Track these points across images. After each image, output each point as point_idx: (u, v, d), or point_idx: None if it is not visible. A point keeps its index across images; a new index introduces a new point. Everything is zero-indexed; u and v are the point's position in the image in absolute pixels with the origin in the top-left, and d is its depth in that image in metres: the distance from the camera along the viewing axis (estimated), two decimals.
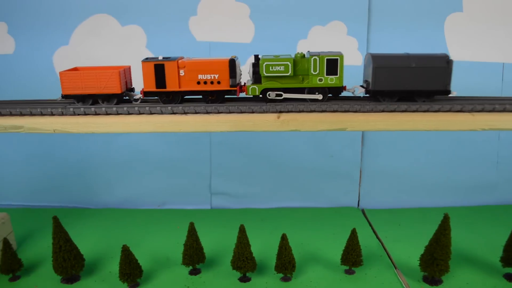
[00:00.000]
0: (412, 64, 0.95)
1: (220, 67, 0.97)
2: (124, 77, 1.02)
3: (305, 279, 1.13)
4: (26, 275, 1.16)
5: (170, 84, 0.98)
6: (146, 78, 0.98)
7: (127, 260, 1.07)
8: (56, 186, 1.55)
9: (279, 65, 0.95)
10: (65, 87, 0.99)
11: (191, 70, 0.97)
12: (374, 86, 0.97)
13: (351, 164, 1.49)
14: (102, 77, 0.98)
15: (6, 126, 0.97)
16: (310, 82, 0.96)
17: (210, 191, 1.54)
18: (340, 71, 0.96)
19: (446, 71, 0.95)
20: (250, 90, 0.98)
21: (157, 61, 0.97)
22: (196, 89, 0.98)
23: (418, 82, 0.96)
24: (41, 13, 1.41)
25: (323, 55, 0.95)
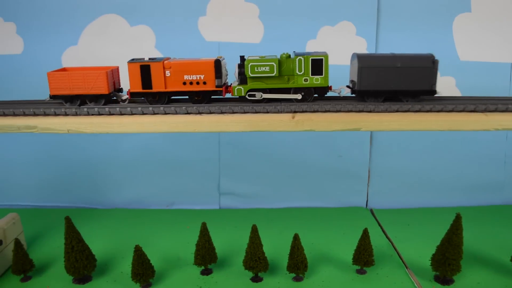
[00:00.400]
0: (397, 64, 0.95)
1: (205, 68, 0.97)
2: (112, 77, 1.02)
3: (317, 279, 1.13)
4: (37, 276, 1.16)
5: (156, 85, 0.98)
6: (132, 79, 0.98)
7: (139, 260, 1.07)
8: (65, 186, 1.55)
9: (264, 65, 0.95)
10: (52, 87, 0.99)
11: (177, 70, 0.97)
12: (359, 86, 0.97)
13: (360, 164, 1.49)
14: (89, 78, 0.98)
15: (20, 126, 0.97)
16: (296, 82, 0.97)
17: (219, 191, 1.54)
18: (325, 71, 0.96)
19: (432, 71, 0.96)
20: (236, 90, 0.98)
21: (143, 62, 0.98)
22: (182, 89, 0.98)
23: (404, 82, 0.96)
24: (50, 13, 1.41)
25: (308, 55, 0.95)
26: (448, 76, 1.43)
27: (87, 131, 0.96)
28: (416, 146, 1.47)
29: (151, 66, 0.97)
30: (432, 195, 1.50)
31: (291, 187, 1.53)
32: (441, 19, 1.40)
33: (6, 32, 1.43)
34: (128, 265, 1.21)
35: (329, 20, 1.38)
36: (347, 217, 1.46)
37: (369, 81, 0.96)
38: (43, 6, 1.41)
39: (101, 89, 0.99)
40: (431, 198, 1.50)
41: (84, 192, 1.55)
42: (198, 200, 1.53)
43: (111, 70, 1.01)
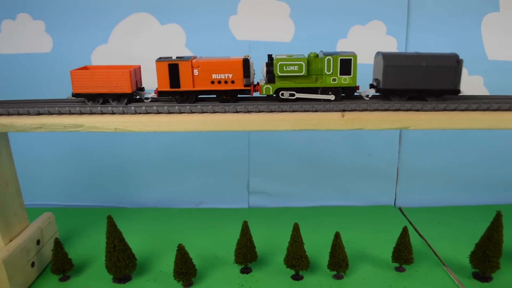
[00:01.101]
0: (422, 63, 0.96)
1: (234, 67, 0.97)
2: (135, 76, 1.03)
3: (357, 276, 1.13)
4: (76, 275, 1.16)
5: (184, 84, 0.98)
6: (160, 78, 0.98)
7: (182, 259, 1.07)
8: (94, 185, 1.54)
9: (293, 64, 0.95)
10: (75, 85, 0.99)
11: (205, 69, 0.97)
12: (384, 84, 0.97)
13: (388, 163, 1.50)
14: (113, 77, 0.98)
15: (66, 124, 0.97)
16: (324, 82, 0.97)
17: (248, 190, 1.54)
18: (354, 71, 0.97)
19: (456, 70, 0.96)
20: (264, 89, 0.98)
21: (171, 60, 0.98)
22: (210, 88, 0.98)
23: (428, 81, 0.97)
24: (80, 12, 1.41)
25: (337, 55, 0.95)
26: (476, 75, 1.44)
27: (134, 130, 0.96)
28: (445, 144, 1.48)
29: (179, 65, 0.97)
30: (460, 194, 1.52)
31: (320, 186, 1.53)
32: (470, 18, 1.41)
33: (35, 31, 1.42)
34: (166, 264, 1.21)
35: (360, 19, 1.39)
36: (377, 215, 1.46)
37: (394, 80, 0.97)
38: (73, 5, 1.40)
39: (124, 88, 0.99)
40: (459, 196, 1.51)
41: (113, 192, 1.54)
42: (227, 199, 1.53)
43: (134, 69, 1.02)
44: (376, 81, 1.01)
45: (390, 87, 0.97)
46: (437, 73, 0.96)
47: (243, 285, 1.11)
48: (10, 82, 1.45)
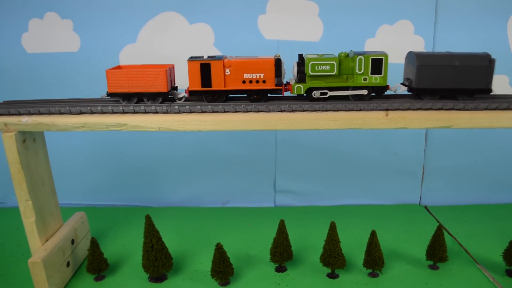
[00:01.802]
0: (455, 62, 0.97)
1: (265, 67, 0.97)
2: (170, 75, 1.03)
3: (392, 274, 1.14)
4: (110, 275, 1.16)
5: (215, 83, 0.98)
6: (192, 77, 0.98)
7: (221, 258, 1.07)
8: (120, 185, 1.54)
9: (324, 64, 0.96)
10: (111, 85, 1.00)
11: (237, 69, 0.98)
12: (417, 84, 0.98)
13: (414, 162, 1.51)
14: (149, 76, 0.98)
15: (109, 124, 0.97)
16: (355, 81, 0.98)
17: (275, 189, 1.54)
18: (385, 71, 0.97)
19: (489, 69, 0.97)
20: (296, 89, 0.99)
21: (203, 60, 0.98)
22: (241, 88, 0.99)
23: (460, 80, 0.98)
24: (107, 11, 1.40)
25: (368, 54, 0.96)
26: (502, 74, 1.45)
27: (178, 129, 0.96)
28: (470, 143, 1.49)
29: (211, 64, 0.97)
30: (486, 192, 1.53)
31: (346, 185, 1.54)
32: (496, 17, 1.42)
33: (63, 30, 1.42)
34: (200, 263, 1.21)
35: (388, 18, 1.40)
36: (404, 213, 1.47)
37: (426, 79, 0.98)
38: (101, 4, 1.40)
39: (160, 87, 0.99)
40: (484, 195, 1.52)
41: (140, 191, 1.54)
42: (253, 198, 1.54)
43: (169, 68, 1.02)
44: (408, 81, 1.02)
45: (423, 86, 0.98)
46: (470, 73, 0.97)
47: (279, 283, 1.11)
48: (37, 81, 1.44)
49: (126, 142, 1.51)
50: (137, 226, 1.42)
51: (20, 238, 1.35)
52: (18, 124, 0.98)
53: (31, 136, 1.05)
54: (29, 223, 1.05)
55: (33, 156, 1.06)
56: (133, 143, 1.51)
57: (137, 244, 1.30)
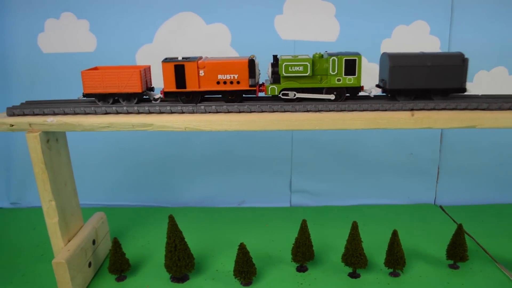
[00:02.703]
0: (428, 62, 0.97)
1: (239, 67, 0.98)
2: (145, 76, 1.03)
3: (413, 274, 1.14)
4: (131, 275, 1.15)
5: (190, 84, 0.99)
6: (166, 79, 0.99)
7: (244, 258, 1.07)
8: (135, 185, 1.54)
9: (298, 65, 0.96)
10: (86, 86, 1.00)
11: (211, 70, 0.98)
12: (391, 85, 0.98)
13: (429, 161, 1.51)
14: (123, 76, 0.99)
15: (134, 124, 0.97)
16: (329, 82, 0.98)
17: (290, 189, 1.55)
18: (358, 72, 0.97)
19: (462, 69, 0.98)
20: (270, 90, 0.99)
21: (177, 61, 0.98)
22: (215, 89, 0.99)
23: (434, 80, 0.98)
24: (124, 11, 1.40)
25: (342, 55, 0.96)
26: None
27: (205, 129, 0.96)
28: (485, 143, 1.50)
29: (185, 65, 0.98)
30: (500, 192, 1.53)
31: (360, 185, 1.54)
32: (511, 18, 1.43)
33: (79, 30, 1.42)
34: (221, 263, 1.22)
35: (404, 19, 1.40)
36: (420, 213, 1.48)
37: (400, 80, 0.98)
38: (117, 4, 1.40)
39: (134, 88, 1.00)
40: (498, 195, 1.53)
41: (156, 191, 1.54)
42: (269, 198, 1.54)
43: (144, 69, 1.02)
44: (383, 82, 1.02)
45: (397, 87, 0.99)
46: (443, 72, 0.97)
47: (302, 283, 1.12)
48: (52, 81, 1.44)
49: (142, 143, 1.51)
50: (155, 226, 1.43)
51: (38, 239, 1.36)
52: (43, 124, 0.98)
53: (54, 137, 1.05)
54: (52, 223, 1.05)
55: (56, 157, 1.06)
56: (149, 143, 1.51)
57: (156, 244, 1.31)
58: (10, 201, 1.57)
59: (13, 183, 1.56)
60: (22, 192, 1.56)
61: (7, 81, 1.46)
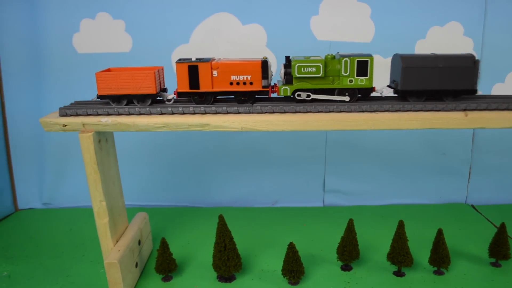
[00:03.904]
0: (439, 64, 0.98)
1: (252, 68, 0.99)
2: (159, 77, 1.04)
3: (457, 272, 1.15)
4: (177, 275, 1.16)
5: (203, 85, 1.00)
6: (180, 79, 1.00)
7: (294, 257, 1.08)
8: (167, 185, 1.54)
9: (310, 66, 0.97)
10: (100, 87, 1.00)
11: (224, 71, 0.99)
12: (402, 86, 0.99)
13: (461, 161, 1.53)
14: (137, 78, 0.99)
15: (190, 124, 0.97)
16: (341, 83, 0.99)
17: (324, 189, 1.55)
18: (370, 73, 0.98)
19: (473, 70, 0.99)
20: (282, 90, 1.00)
21: (191, 62, 0.99)
22: (228, 89, 1.00)
23: (445, 81, 0.99)
24: (160, 11, 1.40)
25: (354, 56, 0.98)
26: None
27: (262, 129, 0.97)
28: None
29: (199, 66, 0.98)
30: None
31: (392, 184, 1.55)
32: None
33: (115, 30, 1.42)
34: (265, 262, 1.22)
35: (439, 20, 1.42)
36: (453, 212, 1.49)
37: (412, 81, 0.99)
38: (153, 4, 1.40)
39: (149, 89, 1.00)
40: None
41: (188, 191, 1.54)
42: (302, 198, 1.55)
43: (157, 70, 1.03)
44: (394, 82, 1.04)
45: (408, 88, 1.00)
46: (455, 74, 0.99)
47: (349, 282, 1.12)
48: (87, 82, 1.43)
49: (174, 143, 1.51)
50: (193, 226, 1.43)
51: (76, 239, 1.35)
52: (96, 124, 0.98)
53: (104, 137, 1.05)
54: (102, 224, 1.05)
55: (106, 157, 1.06)
56: (181, 143, 1.51)
57: (197, 244, 1.31)
58: (42, 202, 1.56)
59: (46, 184, 1.55)
60: (54, 193, 1.55)
61: (42, 81, 1.46)
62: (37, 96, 1.46)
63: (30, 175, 1.54)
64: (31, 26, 1.41)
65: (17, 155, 1.52)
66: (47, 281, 1.14)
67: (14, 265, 1.21)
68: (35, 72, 1.45)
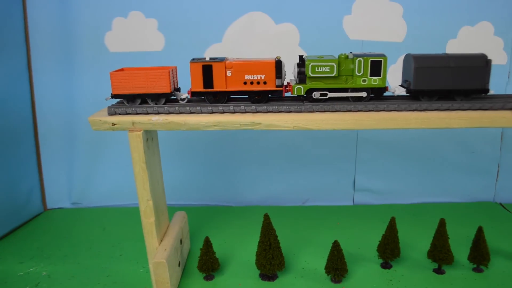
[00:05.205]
0: (451, 64, 0.99)
1: (266, 68, 0.99)
2: (172, 77, 1.05)
3: (496, 269, 1.17)
4: (219, 274, 1.15)
5: (217, 85, 1.00)
6: (194, 79, 1.00)
7: (338, 256, 1.08)
8: (198, 184, 1.54)
9: (324, 65, 0.98)
10: (115, 87, 1.00)
11: (238, 70, 0.99)
12: (415, 85, 1.00)
13: (490, 160, 1.55)
14: (152, 77, 1.00)
15: (242, 123, 0.97)
16: (354, 83, 1.00)
17: (354, 188, 1.56)
18: (383, 73, 0.99)
19: (485, 70, 0.99)
20: (296, 90, 1.01)
21: (205, 61, 1.00)
22: (242, 89, 1.01)
23: (457, 81, 1.00)
24: (193, 10, 1.40)
25: (367, 56, 0.98)
26: None
27: (313, 128, 0.97)
28: None
29: (213, 66, 0.99)
30: None
31: (421, 183, 1.56)
32: None
33: (147, 29, 1.41)
34: (304, 260, 1.22)
35: (470, 20, 1.43)
36: (482, 211, 1.51)
37: (424, 81, 1.00)
38: (186, 3, 1.40)
39: (163, 88, 1.01)
40: None
41: (218, 190, 1.54)
42: (332, 197, 1.55)
43: (171, 69, 1.04)
44: (407, 82, 1.04)
45: (421, 88, 1.00)
46: (467, 73, 0.99)
47: (391, 279, 1.13)
48: None
49: (204, 142, 1.51)
50: (227, 225, 1.43)
51: (112, 239, 1.35)
52: (146, 123, 0.98)
53: (151, 136, 1.05)
54: (149, 223, 1.05)
55: (152, 156, 1.05)
56: (212, 142, 1.51)
57: (234, 243, 1.32)
58: (71, 201, 1.55)
59: (75, 183, 1.54)
60: (84, 192, 1.55)
61: (74, 80, 1.45)
62: (68, 95, 1.45)
63: (60, 175, 1.53)
64: (63, 25, 1.40)
65: (47, 154, 1.52)
66: (89, 280, 1.14)
67: (53, 265, 1.21)
68: (66, 70, 1.44)
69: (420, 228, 1.38)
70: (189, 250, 1.28)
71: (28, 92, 1.46)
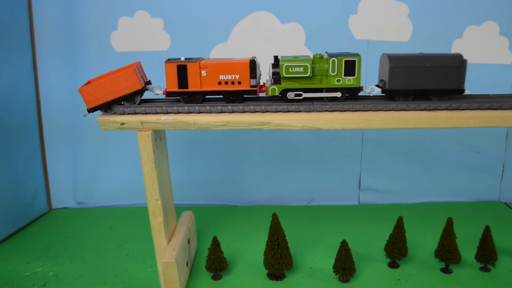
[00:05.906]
0: (427, 64, 0.99)
1: (241, 68, 1.00)
2: (139, 72, 1.04)
3: (503, 268, 1.17)
4: (226, 274, 1.16)
5: (192, 84, 1.01)
6: (169, 79, 1.01)
7: (347, 255, 1.09)
8: (203, 184, 1.54)
9: (298, 66, 0.98)
10: (88, 100, 0.99)
11: (213, 70, 1.00)
12: (390, 85, 1.00)
13: (495, 159, 1.55)
14: (119, 80, 0.99)
15: (251, 122, 0.97)
16: (328, 82, 1.00)
17: (359, 187, 1.56)
18: (358, 72, 0.99)
19: (461, 70, 0.99)
20: (270, 90, 1.01)
21: (180, 62, 1.00)
22: (217, 89, 1.01)
23: (433, 81, 1.00)
24: (199, 10, 1.40)
25: (341, 56, 0.98)
26: None
27: (322, 128, 0.97)
28: None
29: (188, 66, 0.99)
30: None
31: (427, 183, 1.57)
32: None
33: (153, 28, 1.41)
34: (311, 260, 1.23)
35: (475, 19, 1.43)
36: (488, 210, 1.51)
37: (399, 81, 1.00)
38: (192, 2, 1.40)
39: (134, 86, 1.00)
40: None
41: (224, 190, 1.54)
42: (337, 196, 1.56)
43: (136, 66, 1.03)
44: (382, 82, 1.05)
45: (396, 88, 1.00)
46: (442, 73, 0.99)
47: (399, 279, 1.13)
48: None
49: (210, 142, 1.51)
50: (232, 225, 1.43)
51: (118, 239, 1.35)
52: (155, 123, 0.98)
53: (159, 135, 1.05)
54: (157, 223, 1.04)
55: (160, 156, 1.05)
56: (217, 142, 1.51)
57: (241, 243, 1.32)
58: (77, 201, 1.55)
59: (80, 183, 1.54)
60: (89, 192, 1.55)
61: (79, 80, 1.44)
62: (73, 95, 1.44)
63: (65, 174, 1.53)
64: (68, 24, 1.40)
65: (52, 154, 1.51)
66: (96, 280, 1.14)
67: (60, 265, 1.21)
68: (72, 70, 1.44)
69: (426, 227, 1.38)
70: (196, 249, 1.28)
71: (34, 92, 1.46)
